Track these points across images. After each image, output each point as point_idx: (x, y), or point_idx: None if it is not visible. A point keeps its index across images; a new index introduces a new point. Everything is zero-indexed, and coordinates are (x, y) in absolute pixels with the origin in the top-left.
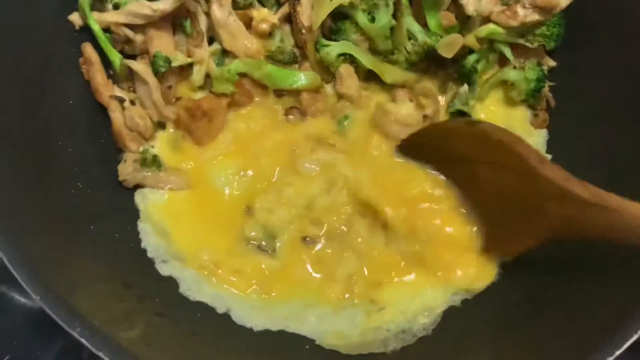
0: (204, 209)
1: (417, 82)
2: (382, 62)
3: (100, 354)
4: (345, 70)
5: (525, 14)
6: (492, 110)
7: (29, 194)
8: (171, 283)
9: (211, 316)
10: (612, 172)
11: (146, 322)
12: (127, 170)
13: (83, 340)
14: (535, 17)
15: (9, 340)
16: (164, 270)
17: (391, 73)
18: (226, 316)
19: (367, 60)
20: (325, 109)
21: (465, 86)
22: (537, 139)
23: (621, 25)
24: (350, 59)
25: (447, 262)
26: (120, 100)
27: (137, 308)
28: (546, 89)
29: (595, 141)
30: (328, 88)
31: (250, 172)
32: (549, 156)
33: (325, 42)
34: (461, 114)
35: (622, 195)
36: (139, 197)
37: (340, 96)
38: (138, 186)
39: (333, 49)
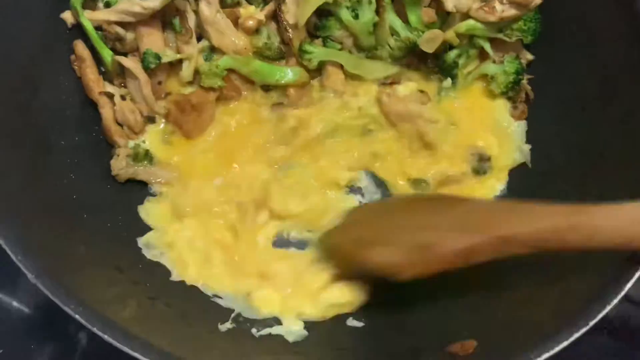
0: None
1: (401, 76)
2: (365, 60)
3: (94, 329)
4: (331, 66)
5: (502, 9)
6: (473, 103)
7: (23, 184)
8: (163, 270)
9: (202, 301)
10: (589, 160)
11: (138, 304)
12: (119, 165)
13: (77, 316)
14: (512, 12)
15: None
16: (154, 256)
17: (374, 70)
18: (216, 301)
19: (349, 64)
20: (312, 103)
21: (449, 80)
22: (516, 129)
23: (592, 19)
24: None
25: None
26: (110, 96)
27: (129, 291)
28: (525, 82)
29: (573, 131)
30: (314, 82)
31: None
32: (528, 147)
33: (308, 47)
34: None
35: (602, 182)
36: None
37: (325, 89)
38: (130, 180)
39: (315, 55)
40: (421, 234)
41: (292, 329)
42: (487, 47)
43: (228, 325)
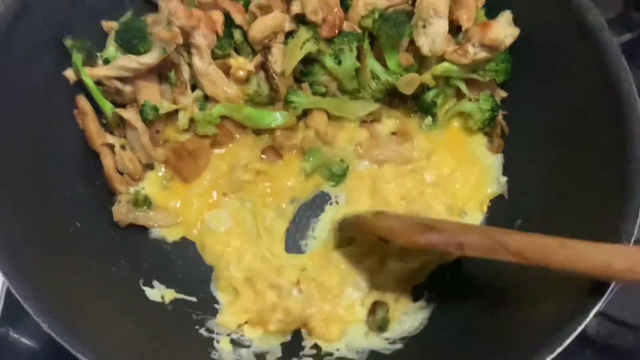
0: None
1: (382, 113)
2: (347, 102)
3: None
4: (316, 110)
5: (474, 52)
6: (453, 138)
7: (33, 235)
8: (163, 309)
9: (200, 339)
10: (560, 191)
11: (142, 345)
12: (121, 211)
13: None
14: (483, 54)
15: None
16: (155, 297)
17: (356, 110)
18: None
19: (332, 108)
20: (297, 145)
21: (429, 118)
22: (493, 162)
23: (561, 58)
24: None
25: None
26: (111, 147)
27: (133, 332)
28: (500, 118)
29: (546, 163)
30: (300, 123)
31: None
32: (504, 179)
33: (292, 97)
34: None
35: (573, 211)
36: None
37: (308, 130)
38: (131, 225)
39: (300, 104)
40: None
41: None
42: (463, 86)
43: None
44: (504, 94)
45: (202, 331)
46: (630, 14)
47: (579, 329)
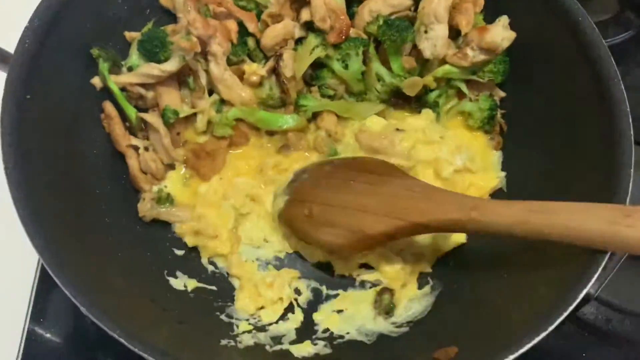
0: None
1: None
2: (354, 104)
3: (136, 350)
4: (325, 112)
5: (474, 55)
6: (455, 136)
7: (71, 231)
8: (186, 296)
9: (223, 321)
10: (554, 183)
11: (169, 328)
12: (145, 207)
13: (122, 340)
14: (482, 57)
15: None
16: (179, 286)
17: (362, 111)
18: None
19: (339, 109)
20: (309, 145)
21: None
22: (493, 159)
23: (554, 59)
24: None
25: None
26: (135, 148)
27: (161, 317)
28: (498, 116)
29: (541, 158)
30: (311, 125)
31: None
32: (503, 173)
33: (302, 101)
34: None
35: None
36: None
37: (319, 130)
38: (155, 220)
39: (309, 107)
40: (355, 218)
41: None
42: (463, 87)
43: (249, 342)
44: (502, 94)
45: (223, 317)
46: (626, 14)
47: (573, 305)
